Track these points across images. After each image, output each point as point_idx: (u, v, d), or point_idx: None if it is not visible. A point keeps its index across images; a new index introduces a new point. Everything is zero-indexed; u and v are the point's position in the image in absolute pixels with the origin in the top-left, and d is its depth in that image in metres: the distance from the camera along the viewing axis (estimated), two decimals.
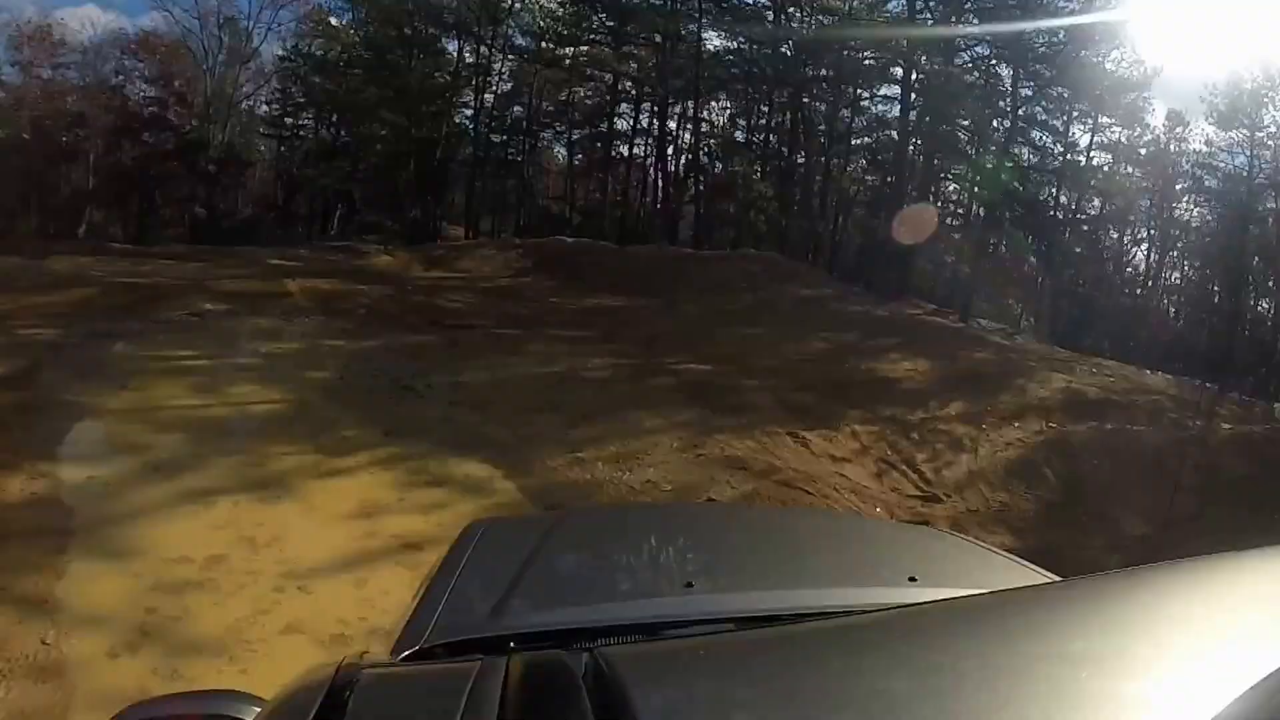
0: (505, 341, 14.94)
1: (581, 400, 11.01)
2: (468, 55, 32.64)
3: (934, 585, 1.52)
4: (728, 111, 34.28)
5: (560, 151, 36.76)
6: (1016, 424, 14.62)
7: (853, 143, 33.58)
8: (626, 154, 34.86)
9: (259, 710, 1.21)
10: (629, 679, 0.81)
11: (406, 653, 1.29)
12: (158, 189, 30.63)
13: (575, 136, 35.33)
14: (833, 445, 10.98)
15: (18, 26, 27.93)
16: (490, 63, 32.49)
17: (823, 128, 32.41)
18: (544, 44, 32.31)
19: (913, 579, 1.62)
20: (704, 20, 31.30)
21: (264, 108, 34.44)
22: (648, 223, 33.33)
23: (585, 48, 32.72)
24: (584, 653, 0.92)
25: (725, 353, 15.56)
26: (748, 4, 32.15)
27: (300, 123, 34.28)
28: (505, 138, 34.27)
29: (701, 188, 33.04)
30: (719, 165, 33.79)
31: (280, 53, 32.46)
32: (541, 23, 31.55)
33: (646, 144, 34.66)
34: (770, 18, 31.76)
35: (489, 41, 32.03)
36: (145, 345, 12.15)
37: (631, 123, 34.42)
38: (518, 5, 31.70)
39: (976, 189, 31.39)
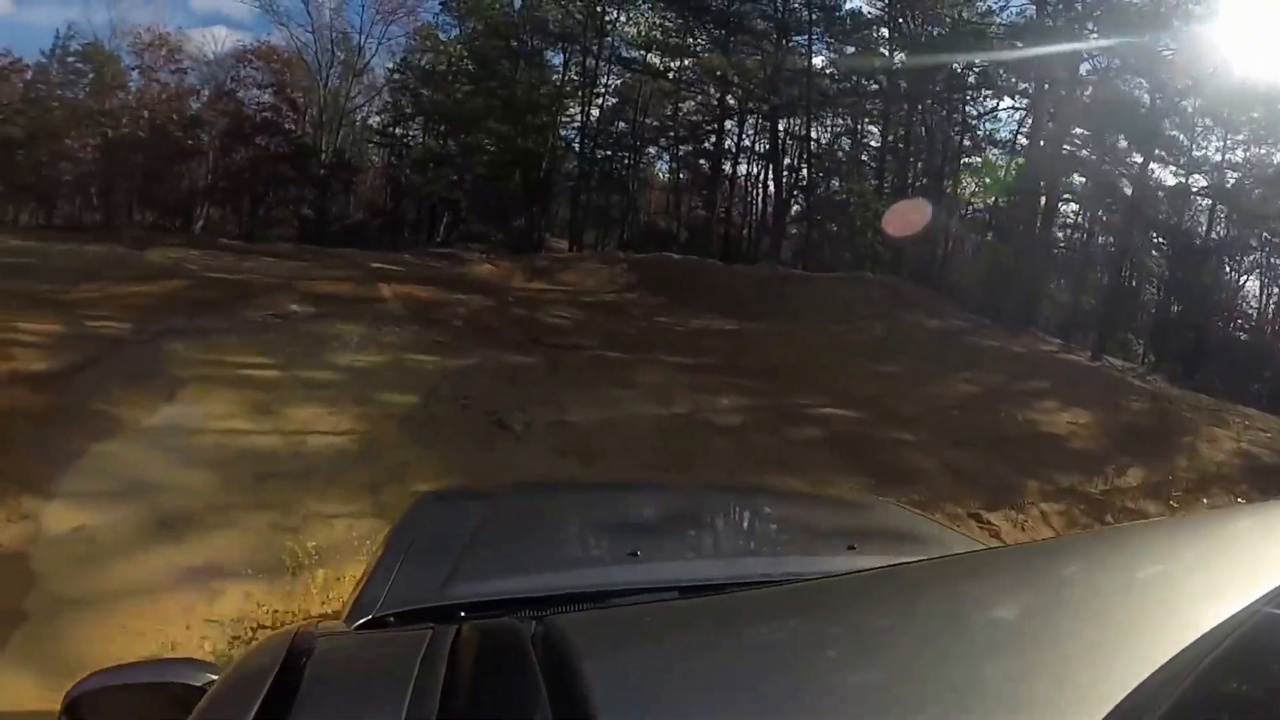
0: (614, 367, 12.99)
1: (715, 455, 9.15)
2: (573, 69, 31.79)
3: (872, 554, 1.59)
4: (837, 127, 32.07)
5: (663, 166, 35.44)
6: (1205, 499, 11.98)
7: (963, 161, 30.77)
8: (731, 170, 32.98)
9: (216, 678, 1.16)
10: (576, 646, 0.81)
11: (360, 622, 1.27)
12: (269, 190, 30.59)
13: (680, 151, 33.74)
14: (1023, 531, 8.65)
15: (138, 34, 28.77)
16: (596, 75, 31.33)
17: (939, 145, 29.72)
18: (650, 55, 31.29)
19: (851, 547, 1.66)
20: (813, 33, 29.40)
21: (374, 118, 34.36)
22: (753, 241, 31.86)
23: (691, 60, 31.33)
24: (533, 620, 0.94)
25: (863, 394, 13.37)
26: (859, 15, 29.83)
27: (409, 132, 34.11)
28: (610, 152, 33.20)
29: (811, 206, 30.81)
30: (830, 182, 31.51)
31: (390, 66, 32.53)
32: (648, 35, 30.38)
33: (749, 159, 33.03)
34: (882, 31, 29.68)
35: (595, 53, 30.84)
36: (214, 347, 10.61)
37: (738, 138, 32.72)
38: (623, 17, 30.69)
39: (1101, 211, 28.42)
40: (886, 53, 29.17)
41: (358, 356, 11.46)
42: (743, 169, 33.33)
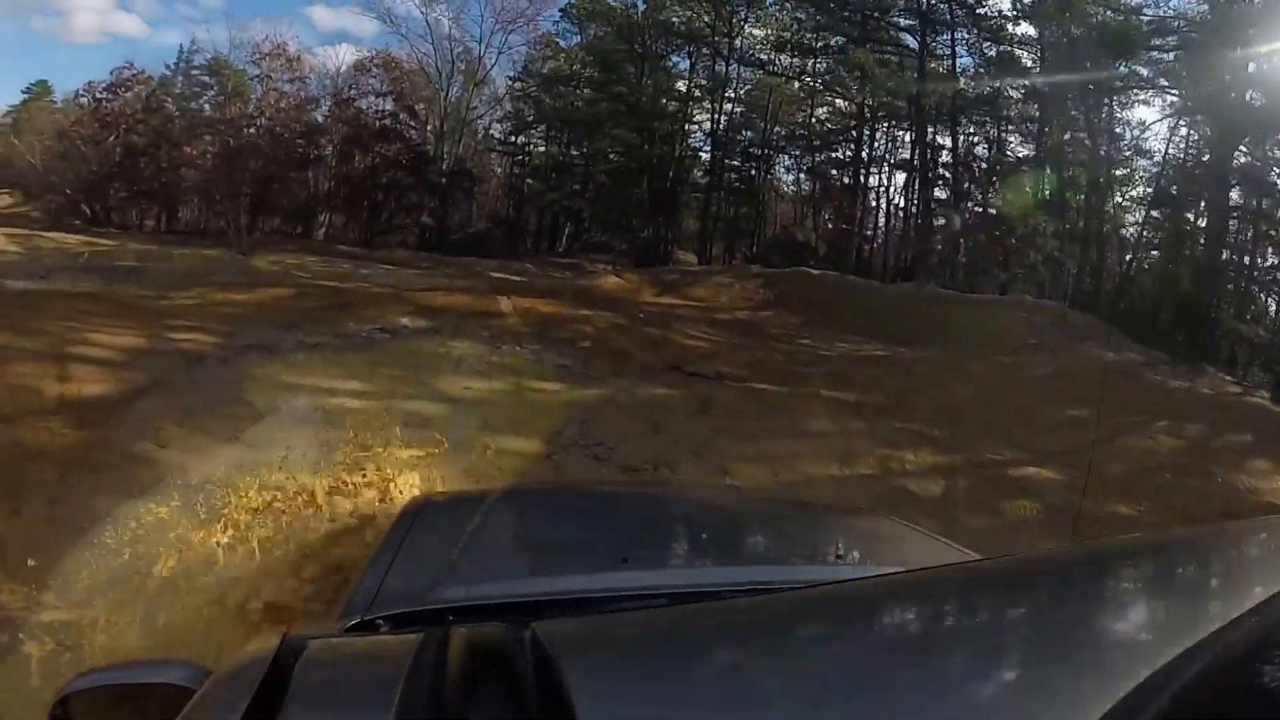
0: (769, 404, 10.99)
1: None
2: (700, 74, 30.19)
3: (860, 563, 1.74)
4: (981, 134, 29.10)
5: (792, 175, 32.90)
6: None
7: (1118, 173, 27.24)
8: (868, 180, 30.35)
9: (206, 679, 1.12)
10: (565, 652, 0.81)
11: (349, 624, 1.29)
12: (388, 197, 29.80)
13: (815, 160, 31.27)
14: None
15: (257, 45, 28.72)
16: (726, 79, 29.59)
17: (1099, 155, 26.41)
18: (782, 56, 29.27)
19: (839, 557, 1.79)
20: (956, 32, 26.90)
21: (495, 126, 33.54)
22: (897, 257, 29.12)
23: (827, 61, 29.32)
24: (522, 626, 0.92)
25: (1058, 447, 11.05)
26: (1005, 14, 26.84)
27: (530, 140, 33.17)
28: (739, 160, 31.14)
29: (957, 219, 28.01)
30: (979, 194, 28.58)
31: (511, 75, 31.69)
32: (779, 35, 28.59)
33: (885, 169, 30.18)
34: (1027, 29, 26.76)
35: (725, 55, 29.11)
36: (304, 367, 9.08)
37: (874, 145, 30.08)
38: (753, 17, 28.90)
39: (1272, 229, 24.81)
40: (1035, 53, 26.50)
41: (470, 383, 9.74)
42: (881, 179, 30.70)
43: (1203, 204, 24.76)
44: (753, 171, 31.24)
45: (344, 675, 0.96)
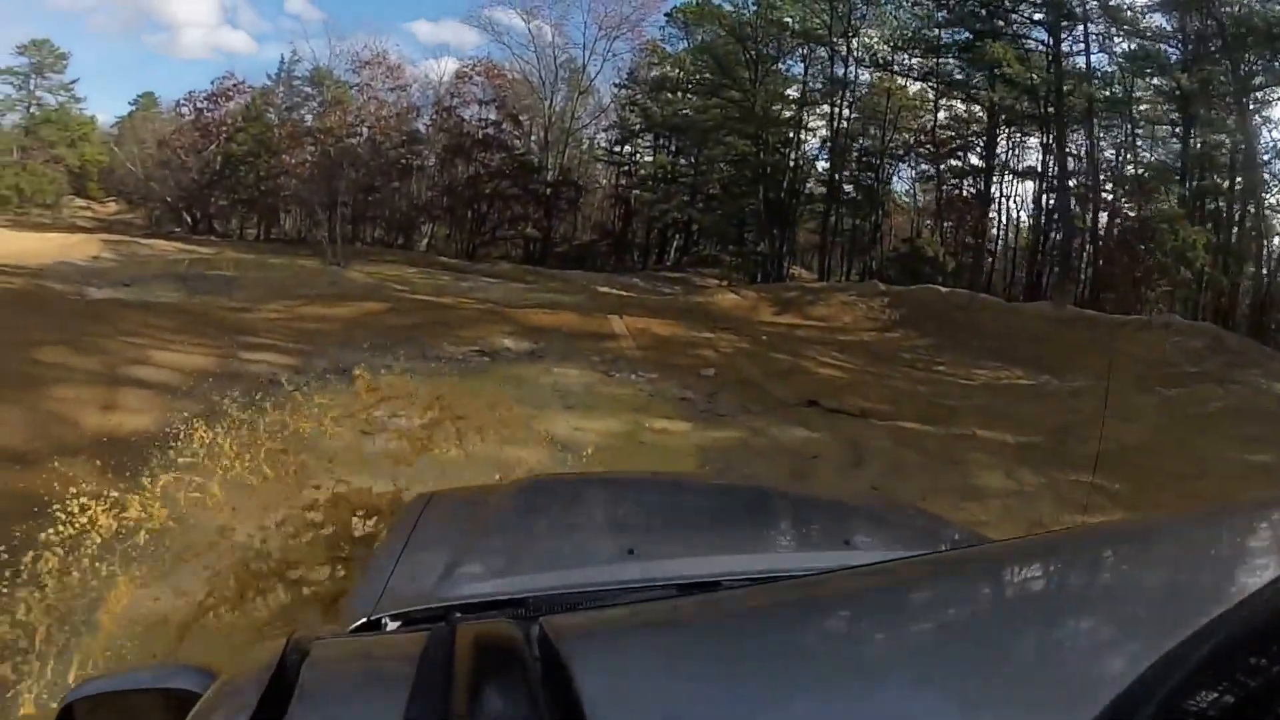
0: (928, 451, 9.30)
1: None
2: (815, 78, 28.47)
3: (870, 549, 1.68)
4: (1116, 138, 26.30)
5: (908, 184, 30.62)
6: None
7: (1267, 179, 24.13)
8: (991, 188, 27.83)
9: (212, 683, 1.07)
10: (573, 646, 0.82)
11: (356, 624, 1.27)
12: (491, 208, 29.23)
13: (940, 168, 28.88)
14: None
15: (356, 54, 28.79)
16: (845, 81, 27.73)
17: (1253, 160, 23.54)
18: (901, 55, 27.55)
19: (848, 543, 1.73)
20: (1089, 25, 24.55)
21: (600, 135, 32.57)
22: (1027, 272, 26.71)
23: (950, 60, 27.31)
24: (529, 621, 0.93)
25: None
26: (1142, 6, 24.07)
27: (636, 150, 32.06)
28: (856, 168, 29.17)
29: (1096, 231, 25.37)
30: (1122, 204, 25.79)
31: (616, 82, 30.92)
32: (901, 33, 26.96)
33: (1005, 176, 27.67)
34: (1161, 23, 24.16)
35: (844, 56, 27.32)
36: (387, 402, 7.55)
37: (1001, 152, 27.64)
38: (872, 15, 27.29)
39: None
40: (1176, 47, 23.85)
41: (581, 422, 8.27)
42: (1007, 187, 28.05)
43: None
44: (871, 180, 29.25)
45: (351, 676, 0.93)
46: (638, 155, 32.10)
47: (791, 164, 28.25)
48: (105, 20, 36.33)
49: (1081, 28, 24.65)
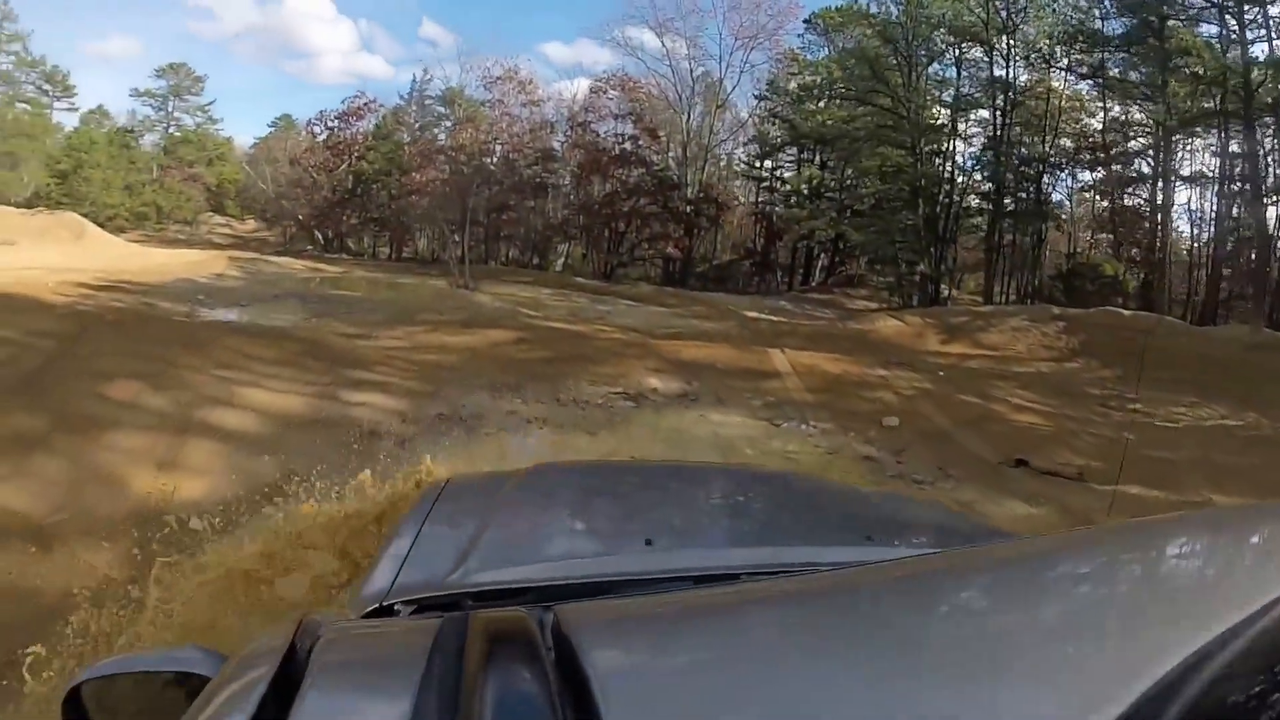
0: None
1: None
2: (969, 82, 25.98)
3: (890, 544, 1.65)
4: None
5: (1068, 196, 27.41)
6: None
7: None
8: (1160, 198, 24.42)
9: (222, 665, 1.08)
10: (587, 637, 0.81)
11: (368, 610, 1.27)
12: (629, 226, 27.98)
13: (1111, 174, 25.58)
14: None
15: (487, 70, 27.94)
16: (1008, 82, 25.11)
17: None
18: (1061, 50, 24.87)
19: (869, 538, 1.67)
20: (1268, 9, 21.06)
21: (740, 151, 30.98)
22: (1209, 292, 23.10)
23: (1123, 54, 24.46)
24: (544, 610, 0.92)
25: None
26: None
27: (779, 165, 30.39)
28: (1016, 178, 26.30)
29: None
30: None
31: (756, 94, 29.39)
32: (1065, 26, 24.38)
33: (1174, 183, 24.28)
34: None
35: (1005, 54, 24.78)
36: (514, 464, 5.82)
37: (1177, 155, 24.34)
38: (1033, 7, 24.81)
39: None
40: None
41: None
42: (1183, 195, 24.60)
43: None
44: (1032, 191, 26.34)
45: (362, 661, 0.92)
46: (780, 170, 30.34)
47: (947, 175, 26.01)
48: (248, 48, 37.57)
49: (1260, 11, 21.55)
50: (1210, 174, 23.54)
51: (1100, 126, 24.96)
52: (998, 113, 24.93)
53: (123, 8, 35.54)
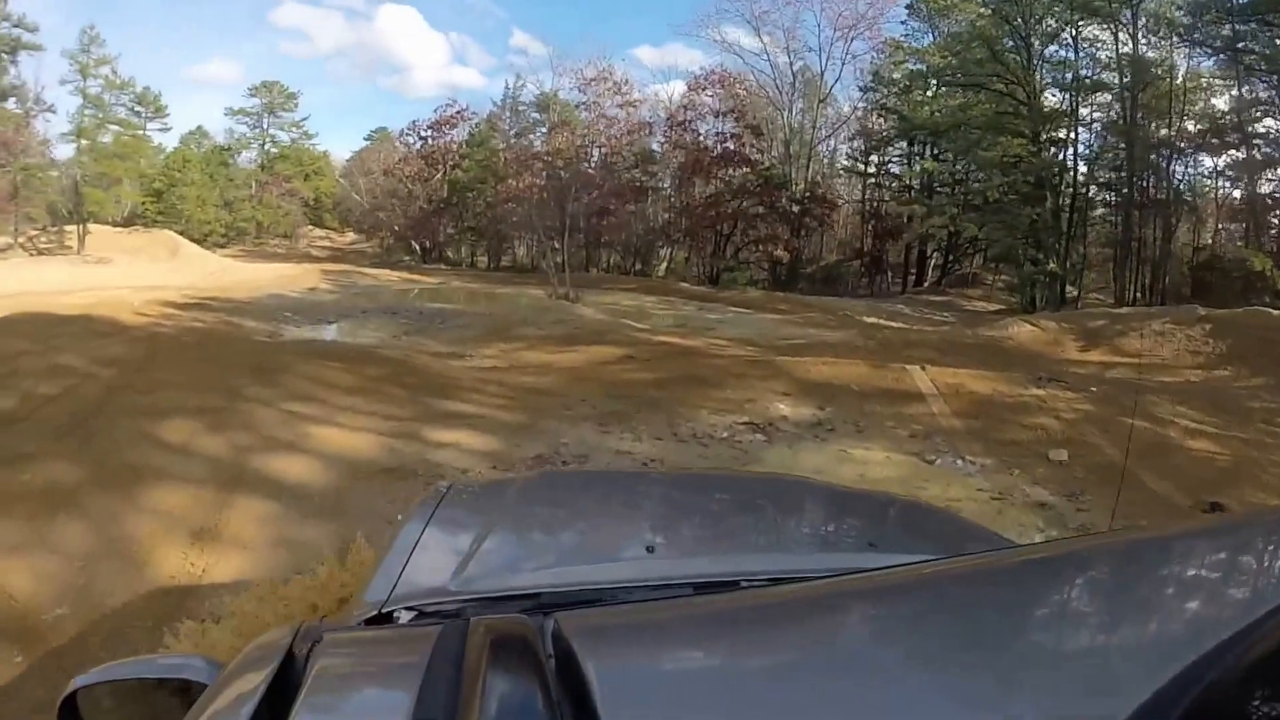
0: None
1: None
2: (1088, 60, 23.71)
3: (894, 551, 1.58)
4: None
5: (1191, 184, 24.87)
6: None
7: None
8: None
9: (218, 673, 1.08)
10: (587, 644, 0.80)
11: (367, 616, 1.25)
12: (735, 228, 26.61)
13: (1252, 157, 22.87)
14: None
15: (580, 72, 27.24)
16: (1137, 61, 22.77)
17: None
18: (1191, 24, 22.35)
19: (872, 545, 1.70)
20: None
21: (843, 147, 29.71)
22: None
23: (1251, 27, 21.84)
24: (544, 617, 0.92)
25: None
26: None
27: (886, 160, 29.06)
28: (1143, 167, 23.89)
29: None
30: None
31: (860, 85, 28.00)
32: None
33: None
34: None
35: (1130, 28, 22.58)
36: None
37: None
38: None
39: None
40: None
41: None
42: None
43: None
44: (1162, 180, 23.95)
45: (360, 668, 0.93)
46: (887, 163, 29.16)
47: (1070, 165, 24.00)
48: (343, 66, 38.91)
49: None
50: None
51: (1231, 106, 22.65)
52: (1124, 95, 22.81)
53: (220, 33, 37.40)
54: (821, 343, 13.06)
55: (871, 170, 28.89)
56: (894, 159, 29.01)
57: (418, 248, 29.12)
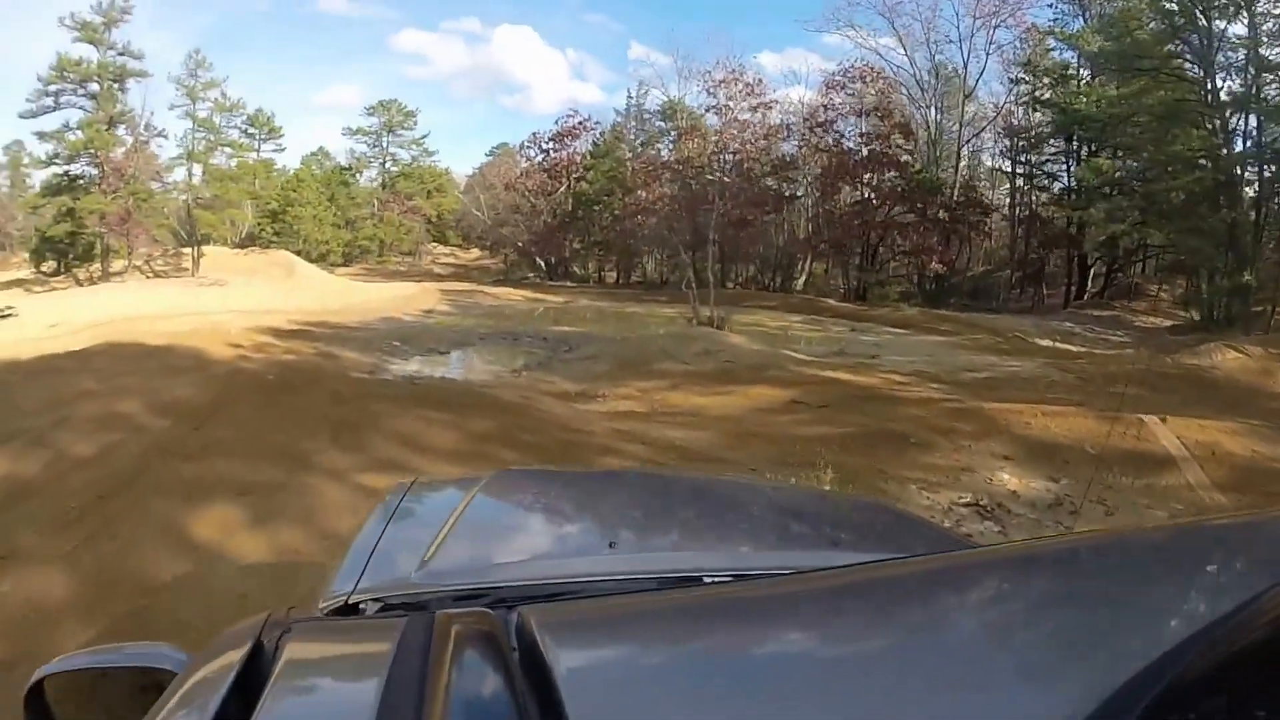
0: None
1: None
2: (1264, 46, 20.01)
3: (856, 549, 1.61)
4: None
5: None
6: None
7: None
8: None
9: (186, 662, 1.05)
10: (551, 637, 0.80)
11: (334, 606, 1.20)
12: (883, 239, 24.32)
13: None
14: None
15: (708, 74, 25.39)
16: None
17: None
18: None
19: (835, 543, 1.69)
20: None
21: (987, 147, 27.37)
22: None
23: None
24: (508, 611, 0.92)
25: None
26: None
27: (1041, 159, 26.26)
28: None
29: None
30: None
31: (1010, 77, 25.49)
32: None
33: None
34: None
35: None
36: None
37: None
38: None
39: None
40: None
41: None
42: None
43: None
44: None
45: (326, 659, 0.92)
46: (1044, 164, 26.33)
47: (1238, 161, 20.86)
48: (464, 87, 40.02)
49: None
50: None
51: None
52: None
53: (343, 60, 39.66)
54: (1012, 376, 10.94)
55: (1021, 170, 26.32)
56: (1048, 157, 26.22)
57: (542, 263, 27.80)
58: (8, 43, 35.81)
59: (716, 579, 1.25)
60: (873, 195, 23.69)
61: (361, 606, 1.18)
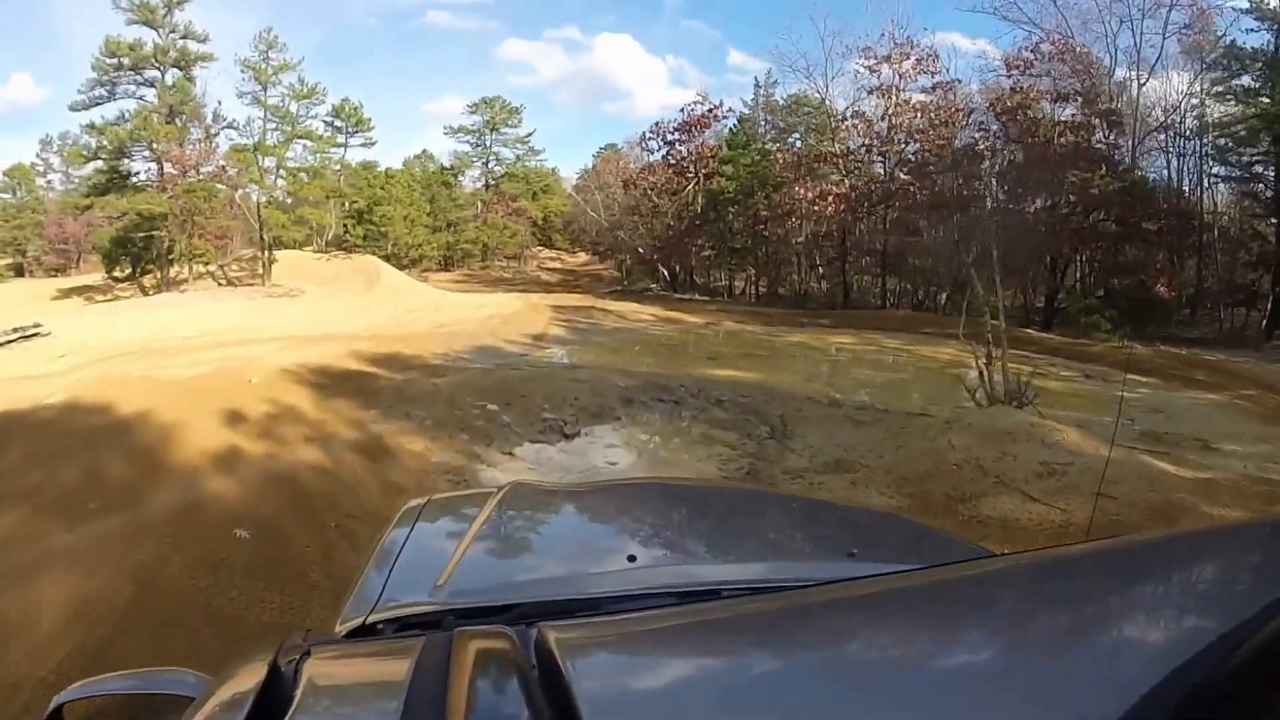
0: None
1: None
2: None
3: (873, 561, 1.53)
4: None
5: None
6: None
7: None
8: None
9: (204, 686, 1.04)
10: (570, 654, 0.78)
11: (351, 628, 1.17)
12: (1076, 250, 19.16)
13: None
14: None
15: (866, 49, 20.74)
16: None
17: None
18: None
19: (852, 554, 1.56)
20: None
21: (1162, 148, 21.59)
22: None
23: None
24: (526, 627, 0.89)
25: None
26: None
27: (1249, 159, 21.48)
28: None
29: None
30: None
31: (1203, 60, 20.58)
32: None
33: None
34: None
35: None
36: None
37: None
38: None
39: None
40: None
41: None
42: None
43: None
44: None
45: (346, 681, 0.90)
46: (1253, 164, 21.23)
47: None
48: (566, 95, 40.12)
49: None
50: None
51: None
52: None
53: (452, 71, 39.50)
54: None
55: (1220, 174, 21.38)
56: (1256, 158, 20.99)
57: (665, 273, 22.92)
58: (69, 33, 33.94)
59: (736, 592, 1.17)
60: (1074, 198, 18.38)
61: (379, 627, 1.14)
